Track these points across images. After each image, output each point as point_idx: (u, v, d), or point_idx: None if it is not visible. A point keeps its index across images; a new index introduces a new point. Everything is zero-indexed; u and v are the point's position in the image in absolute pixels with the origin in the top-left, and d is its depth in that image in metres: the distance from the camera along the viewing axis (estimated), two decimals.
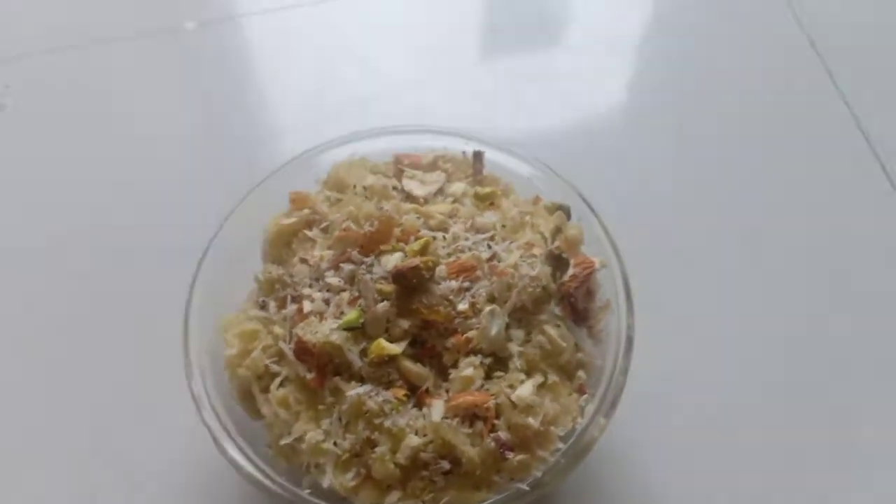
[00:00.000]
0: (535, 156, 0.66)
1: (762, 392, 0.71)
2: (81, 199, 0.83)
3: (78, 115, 0.90)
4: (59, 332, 0.75)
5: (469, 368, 0.54)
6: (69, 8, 0.99)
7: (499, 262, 0.57)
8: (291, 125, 0.89)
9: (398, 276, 0.55)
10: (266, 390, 0.57)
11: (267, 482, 0.54)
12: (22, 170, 0.86)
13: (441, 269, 0.57)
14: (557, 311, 0.58)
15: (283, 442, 0.55)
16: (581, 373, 0.58)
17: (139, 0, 1.01)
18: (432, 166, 0.65)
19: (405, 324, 0.55)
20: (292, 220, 0.63)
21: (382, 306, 0.55)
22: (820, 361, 0.73)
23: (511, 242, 0.59)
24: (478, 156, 0.66)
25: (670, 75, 0.93)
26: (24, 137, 0.88)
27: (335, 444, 0.54)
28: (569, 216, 0.63)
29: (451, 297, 0.56)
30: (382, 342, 0.55)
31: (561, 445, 0.54)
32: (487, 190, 0.63)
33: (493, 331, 0.55)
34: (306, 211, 0.63)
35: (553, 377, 0.56)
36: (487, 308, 0.55)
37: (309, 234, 0.62)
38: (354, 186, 0.63)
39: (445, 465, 0.52)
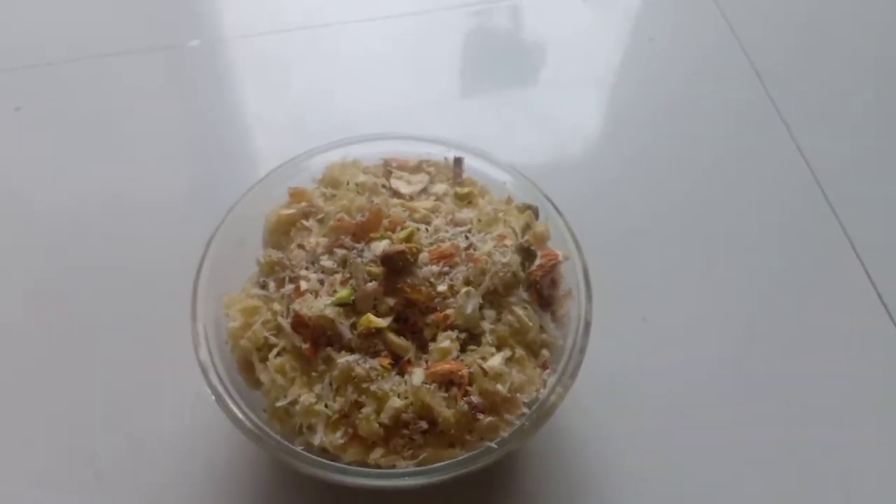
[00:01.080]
0: (509, 164, 0.74)
1: (713, 373, 0.79)
2: (96, 192, 0.90)
3: (89, 116, 0.97)
4: (75, 305, 0.81)
5: (446, 341, 0.61)
6: (75, 21, 1.07)
7: (475, 250, 0.65)
8: (286, 132, 0.97)
9: (386, 259, 0.63)
10: (265, 360, 0.64)
11: (265, 437, 0.60)
12: (36, 166, 0.93)
13: (424, 256, 0.64)
14: (525, 296, 0.65)
15: (279, 404, 0.62)
16: (545, 351, 0.65)
17: (147, 18, 1.08)
18: (417, 169, 0.73)
19: (391, 301, 0.63)
20: (291, 211, 0.70)
21: (371, 285, 0.62)
22: (770, 345, 0.81)
23: (486, 234, 0.67)
24: (458, 161, 0.74)
25: (638, 107, 1.02)
26: (34, 138, 0.95)
27: (326, 406, 0.61)
28: (537, 216, 0.71)
29: (431, 279, 0.63)
30: (370, 316, 0.62)
31: (526, 410, 0.61)
32: (466, 190, 0.71)
33: (469, 309, 0.62)
34: (304, 204, 0.70)
35: (520, 352, 0.63)
36: (464, 290, 0.63)
37: (306, 223, 0.69)
38: (347, 183, 0.71)
39: (424, 424, 0.59)
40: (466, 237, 0.66)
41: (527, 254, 0.66)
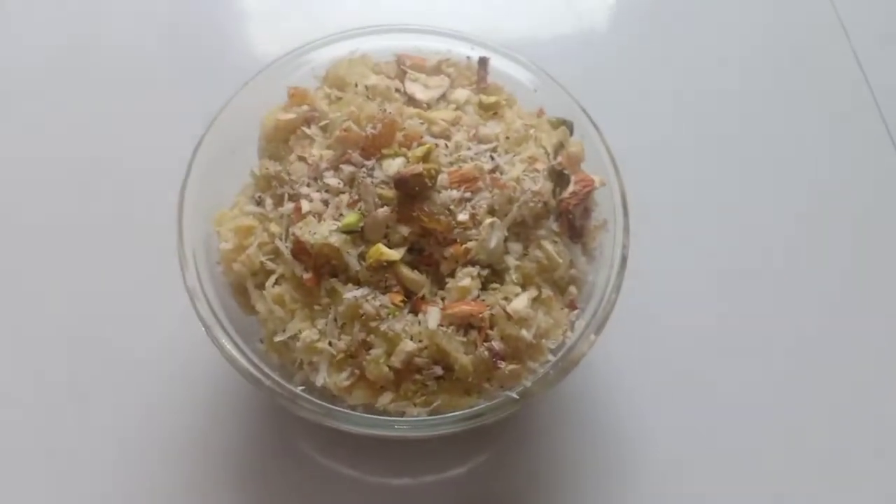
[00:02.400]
0: (541, 66, 0.65)
1: (751, 327, 0.73)
2: (76, 89, 0.81)
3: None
4: (54, 220, 0.74)
5: (466, 279, 0.55)
6: None
7: (501, 174, 0.57)
8: (288, 14, 0.85)
9: (400, 182, 0.55)
10: (261, 287, 0.57)
11: (260, 376, 0.55)
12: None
13: (443, 178, 0.56)
14: (555, 227, 0.58)
15: (277, 339, 0.56)
16: (573, 288, 0.59)
17: None
18: (436, 70, 0.64)
19: (405, 230, 0.55)
20: (290, 115, 0.61)
21: (383, 211, 0.55)
22: (810, 298, 0.75)
23: (514, 155, 0.58)
24: (483, 62, 0.64)
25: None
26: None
27: (330, 343, 0.55)
28: (571, 132, 0.62)
29: (451, 206, 0.56)
30: (381, 247, 0.55)
31: (551, 357, 0.56)
32: (492, 99, 0.62)
33: (492, 243, 0.55)
34: (305, 107, 0.61)
35: (547, 292, 0.57)
36: (487, 220, 0.55)
37: (307, 131, 0.60)
38: (356, 85, 0.61)
39: (438, 370, 0.54)
40: (492, 157, 0.58)
41: (559, 179, 0.58)
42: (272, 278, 0.57)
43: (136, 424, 0.65)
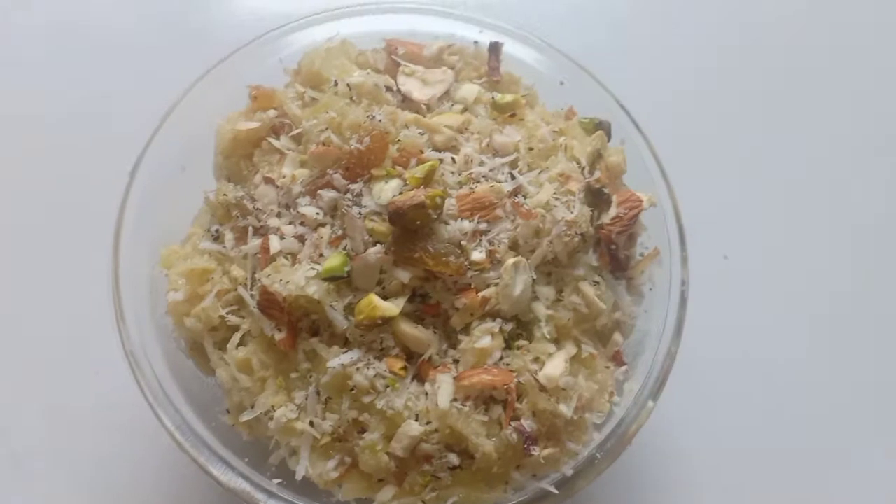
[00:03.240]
0: (566, 53, 0.52)
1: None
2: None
3: None
4: None
5: (485, 338, 0.43)
6: None
7: (525, 198, 0.45)
8: None
9: (396, 215, 0.42)
10: (223, 346, 0.46)
11: (217, 473, 0.43)
12: None
13: (450, 204, 0.44)
14: (594, 260, 0.46)
15: (244, 419, 0.44)
16: (618, 336, 0.47)
17: None
18: (436, 60, 0.51)
19: (404, 276, 0.43)
20: (253, 124, 0.49)
21: (375, 252, 0.43)
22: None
23: (540, 172, 0.46)
24: (494, 49, 0.52)
25: None
26: None
27: (312, 424, 0.43)
28: (609, 136, 0.50)
29: (463, 242, 0.44)
30: (374, 299, 0.43)
31: (596, 436, 0.44)
32: (508, 98, 0.49)
33: (517, 289, 0.43)
34: (272, 112, 0.50)
35: (589, 348, 0.45)
36: (510, 260, 0.43)
37: (275, 143, 0.49)
38: (336, 84, 0.49)
39: (453, 459, 0.42)
40: (511, 175, 0.46)
41: (598, 200, 0.46)
42: (236, 337, 0.46)
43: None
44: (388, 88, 0.49)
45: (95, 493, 0.53)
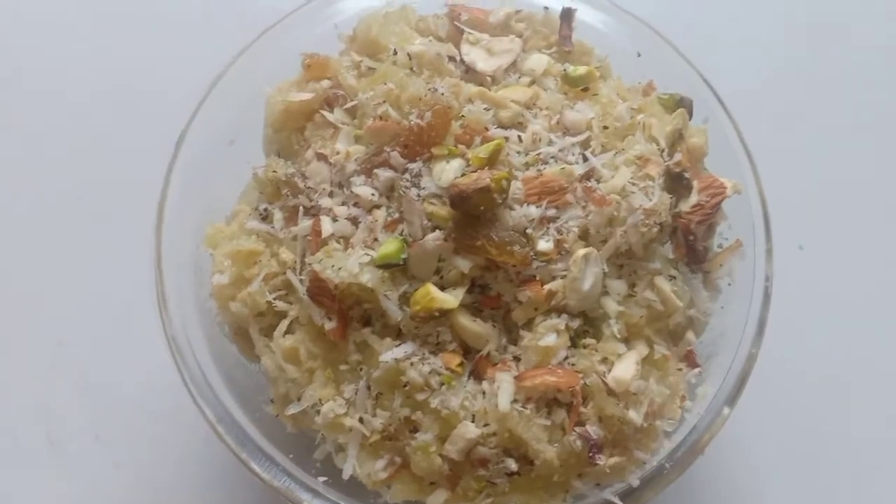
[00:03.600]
0: (645, 21, 0.48)
1: None
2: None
3: None
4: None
5: (550, 335, 0.40)
6: None
7: (598, 182, 0.41)
8: None
9: (458, 199, 0.39)
10: (269, 333, 0.44)
11: (259, 469, 0.41)
12: None
13: (516, 188, 0.40)
14: (670, 252, 0.42)
15: (290, 412, 0.42)
16: (690, 335, 0.44)
17: None
18: (503, 27, 0.48)
19: (464, 265, 0.40)
20: (306, 95, 0.46)
21: (434, 238, 0.40)
22: None
23: (615, 154, 0.42)
24: (567, 15, 0.48)
25: None
26: None
27: (361, 420, 0.40)
28: (690, 115, 0.45)
29: (528, 230, 0.40)
30: (431, 289, 0.40)
31: (666, 444, 0.40)
32: (581, 70, 0.45)
33: (587, 283, 0.40)
34: (325, 83, 0.47)
35: (661, 349, 0.41)
36: (580, 251, 0.40)
37: (329, 116, 0.46)
38: (395, 52, 0.45)
39: (511, 464, 0.40)
40: (584, 157, 0.42)
41: (678, 185, 0.42)
42: (283, 324, 0.44)
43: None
44: (451, 58, 0.46)
45: (135, 477, 0.52)
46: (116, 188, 0.58)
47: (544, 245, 0.40)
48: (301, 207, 0.43)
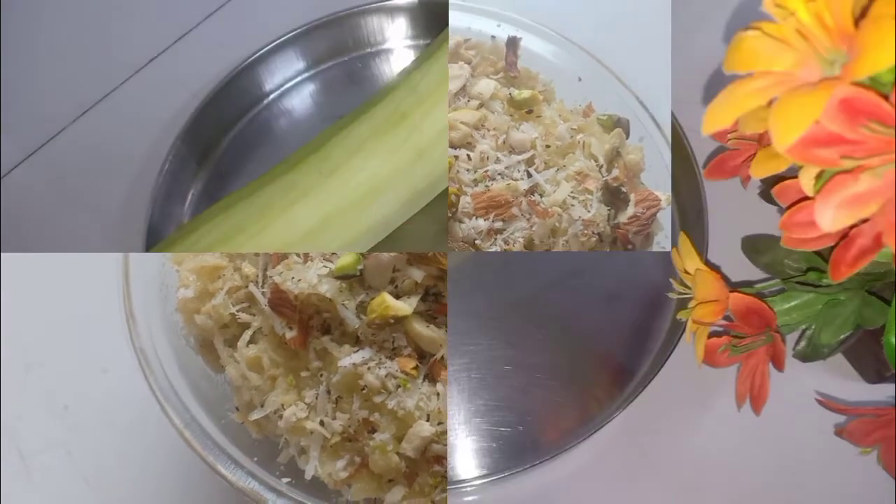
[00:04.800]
0: (585, 47, 0.51)
1: None
2: None
3: None
4: None
5: None
6: None
7: (541, 196, 0.44)
8: None
9: None
10: (233, 343, 0.45)
11: (226, 472, 0.43)
12: None
13: (465, 202, 0.43)
14: None
15: (253, 417, 0.43)
16: None
17: None
18: (453, 55, 0.51)
19: (417, 274, 0.42)
20: None
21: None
22: None
23: (557, 170, 0.45)
24: (512, 43, 0.51)
25: None
26: None
27: (322, 423, 0.42)
28: (627, 134, 0.49)
29: (477, 240, 0.43)
30: (387, 297, 0.42)
31: None
32: (526, 94, 0.48)
33: None
34: None
35: None
36: None
37: None
38: None
39: None
40: (528, 173, 0.45)
41: (615, 199, 0.45)
42: (246, 334, 0.45)
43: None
44: None
45: (102, 490, 0.53)
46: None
47: None
48: None
